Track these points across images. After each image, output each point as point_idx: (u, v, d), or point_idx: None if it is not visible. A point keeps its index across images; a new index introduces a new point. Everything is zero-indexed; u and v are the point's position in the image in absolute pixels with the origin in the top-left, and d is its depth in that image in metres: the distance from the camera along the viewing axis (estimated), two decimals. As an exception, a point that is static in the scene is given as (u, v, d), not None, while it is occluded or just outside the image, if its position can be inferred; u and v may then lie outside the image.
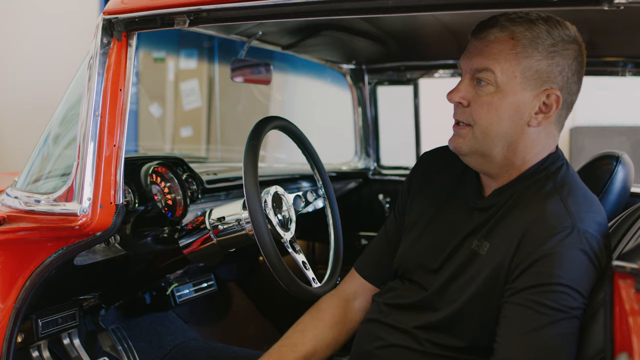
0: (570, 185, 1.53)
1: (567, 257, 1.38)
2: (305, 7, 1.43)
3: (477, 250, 1.53)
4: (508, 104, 1.49)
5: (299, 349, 1.72)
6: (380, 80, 3.25)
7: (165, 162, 2.10)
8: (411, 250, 1.72)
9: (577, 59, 1.51)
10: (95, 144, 1.59)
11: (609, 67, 2.63)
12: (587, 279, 1.38)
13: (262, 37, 2.45)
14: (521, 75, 1.47)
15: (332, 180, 3.25)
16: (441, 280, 1.58)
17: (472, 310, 1.50)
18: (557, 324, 1.35)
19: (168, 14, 1.55)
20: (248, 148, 1.73)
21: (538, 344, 1.35)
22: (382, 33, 2.50)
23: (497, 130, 1.51)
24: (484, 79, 1.50)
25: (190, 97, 5.56)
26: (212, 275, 2.70)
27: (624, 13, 1.76)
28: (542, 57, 1.47)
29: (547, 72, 1.48)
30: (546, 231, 1.41)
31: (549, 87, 1.49)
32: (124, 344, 2.35)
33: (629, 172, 2.27)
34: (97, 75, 1.59)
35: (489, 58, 1.49)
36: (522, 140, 1.52)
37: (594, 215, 1.48)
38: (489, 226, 1.54)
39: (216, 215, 1.91)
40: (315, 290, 1.83)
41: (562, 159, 1.59)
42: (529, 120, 1.50)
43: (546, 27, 1.47)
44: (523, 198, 1.52)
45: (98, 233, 1.62)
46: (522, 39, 1.47)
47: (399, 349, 1.61)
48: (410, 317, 1.63)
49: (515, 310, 1.40)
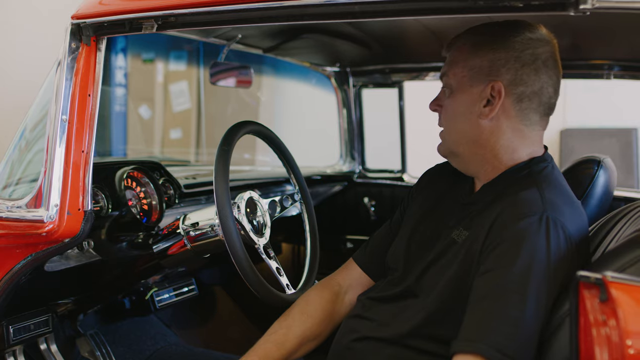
0: (551, 181, 1.54)
1: (533, 240, 1.38)
2: (269, 12, 1.42)
3: (455, 239, 1.56)
4: (460, 102, 1.60)
5: (285, 347, 1.71)
6: (365, 82, 3.24)
7: (140, 167, 2.08)
8: (399, 246, 1.74)
9: (526, 52, 1.54)
10: (63, 149, 1.57)
11: (594, 70, 2.62)
12: (553, 265, 1.36)
13: (242, 40, 2.44)
14: (468, 73, 1.58)
15: (317, 183, 3.24)
16: (420, 268, 1.61)
17: (450, 297, 1.49)
18: (519, 304, 1.33)
19: (136, 18, 1.54)
20: (219, 154, 1.71)
21: (498, 325, 1.33)
22: (365, 36, 2.49)
23: (455, 129, 1.63)
24: (445, 84, 1.64)
25: (179, 99, 5.54)
26: (194, 279, 2.68)
27: (605, 17, 1.77)
28: (485, 54, 1.56)
29: (489, 67, 1.56)
30: (516, 215, 1.43)
31: (492, 79, 1.55)
32: (102, 349, 2.33)
33: (610, 176, 2.26)
34: (65, 80, 1.58)
35: (448, 65, 1.64)
36: (482, 134, 1.58)
37: (570, 209, 1.48)
38: (470, 217, 1.57)
39: (190, 221, 1.89)
40: (288, 297, 1.81)
41: (549, 162, 1.62)
42: (480, 114, 1.57)
43: (494, 28, 1.59)
44: (504, 192, 1.54)
45: (66, 239, 1.61)
46: (471, 42, 1.60)
47: (371, 341, 1.60)
48: (388, 309, 1.63)
49: (479, 291, 1.40)
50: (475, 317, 1.38)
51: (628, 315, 1.04)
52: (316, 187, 3.25)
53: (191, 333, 2.96)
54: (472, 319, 1.39)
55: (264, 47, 2.58)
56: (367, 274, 1.85)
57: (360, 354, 1.61)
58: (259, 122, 1.92)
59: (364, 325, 1.65)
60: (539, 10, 1.26)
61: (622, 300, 1.06)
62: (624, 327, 1.03)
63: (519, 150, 1.59)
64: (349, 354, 1.64)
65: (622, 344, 1.03)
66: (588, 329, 1.12)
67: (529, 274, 1.35)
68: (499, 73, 1.55)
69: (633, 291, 1.08)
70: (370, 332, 1.62)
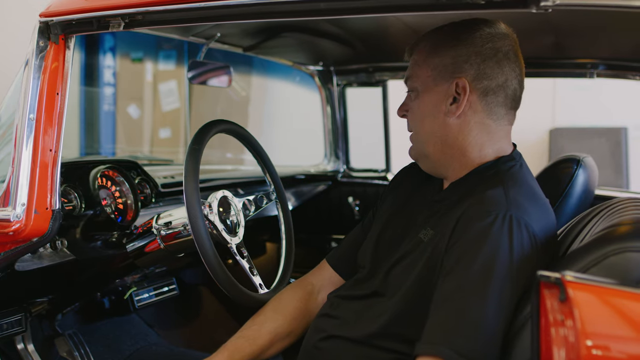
0: (518, 180, 1.53)
1: (495, 239, 1.37)
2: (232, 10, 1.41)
3: (422, 238, 1.55)
4: (426, 103, 1.60)
5: (257, 342, 1.72)
6: (349, 81, 3.23)
7: (114, 166, 2.06)
8: (368, 245, 1.74)
9: (486, 46, 1.55)
10: (30, 148, 1.56)
11: (577, 69, 2.62)
12: (516, 265, 1.36)
13: (221, 38, 2.43)
14: (432, 73, 1.59)
15: (301, 183, 3.24)
16: (386, 267, 1.60)
17: (415, 297, 1.49)
18: (480, 305, 1.33)
19: (103, 16, 1.53)
20: (189, 152, 1.70)
21: (459, 327, 1.33)
22: (348, 35, 2.48)
23: (423, 130, 1.62)
24: (410, 88, 1.65)
25: (168, 98, 5.53)
26: (174, 279, 2.67)
27: (587, 15, 1.76)
28: (447, 52, 1.57)
29: (452, 64, 1.56)
30: (479, 213, 1.42)
31: (456, 76, 1.56)
32: (80, 349, 2.32)
33: (590, 175, 2.25)
34: (33, 79, 1.57)
35: (411, 68, 1.65)
36: (449, 133, 1.59)
37: (536, 208, 1.48)
38: (437, 216, 1.57)
39: (163, 220, 1.88)
40: (260, 297, 1.80)
41: (517, 160, 1.61)
42: (447, 112, 1.57)
43: (453, 27, 1.60)
44: (470, 191, 1.53)
45: (34, 239, 1.60)
46: (431, 43, 1.61)
47: (338, 340, 1.60)
48: (355, 308, 1.63)
49: (441, 292, 1.40)
50: (437, 319, 1.38)
51: (585, 315, 1.03)
52: (300, 186, 3.24)
53: (174, 333, 2.94)
54: (434, 321, 1.38)
55: (244, 45, 2.57)
56: (338, 274, 1.85)
57: (328, 353, 1.61)
58: (232, 121, 1.91)
59: (331, 323, 1.64)
60: (501, 7, 1.25)
61: (580, 300, 1.05)
62: (580, 327, 1.02)
63: (487, 147, 1.58)
64: (317, 353, 1.63)
65: (578, 344, 1.02)
66: (548, 329, 1.11)
67: (490, 274, 1.34)
68: (462, 69, 1.55)
69: (591, 291, 1.07)
70: (337, 331, 1.61)
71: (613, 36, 2.07)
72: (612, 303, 1.07)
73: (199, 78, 2.47)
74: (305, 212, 3.22)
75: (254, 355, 1.70)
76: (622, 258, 1.25)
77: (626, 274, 1.23)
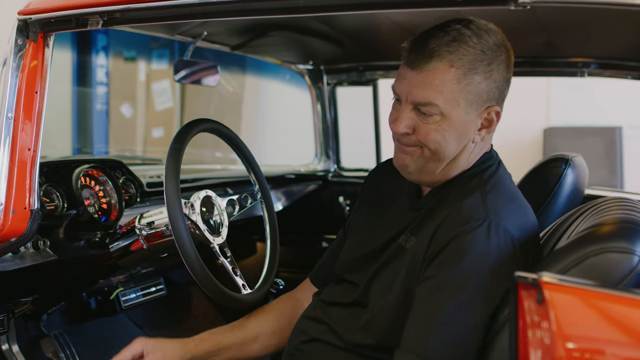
0: (495, 183, 1.52)
1: (473, 247, 1.36)
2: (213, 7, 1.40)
3: (403, 245, 1.53)
4: (454, 128, 1.48)
5: (240, 331, 1.75)
6: (339, 80, 3.21)
7: (98, 165, 2.05)
8: (349, 252, 1.72)
9: (507, 65, 1.50)
10: (8, 147, 1.54)
11: (568, 68, 2.60)
12: (495, 272, 1.35)
13: (208, 37, 2.41)
14: (464, 101, 1.46)
15: (291, 182, 3.22)
16: (368, 276, 1.58)
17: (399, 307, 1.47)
18: (458, 312, 1.33)
19: (81, 14, 1.51)
20: (170, 152, 1.68)
21: (432, 335, 1.33)
22: (337, 33, 2.46)
23: (446, 152, 1.51)
24: (428, 112, 1.47)
25: (162, 98, 5.51)
26: (162, 279, 2.66)
27: (577, 13, 1.75)
28: (482, 80, 1.46)
29: (487, 92, 1.48)
30: (458, 221, 1.41)
31: (489, 105, 1.50)
32: (66, 350, 2.30)
33: (579, 174, 2.24)
34: (11, 77, 1.55)
35: (431, 91, 1.45)
36: (464, 154, 1.54)
37: (514, 212, 1.47)
38: (417, 222, 1.54)
39: (146, 220, 1.86)
40: (244, 297, 1.78)
41: (494, 159, 1.59)
42: (473, 137, 1.52)
43: (479, 44, 1.45)
44: (451, 195, 1.52)
45: (13, 239, 1.58)
46: (461, 66, 1.44)
47: (319, 343, 1.59)
48: (341, 315, 1.61)
49: (418, 300, 1.39)
50: (412, 327, 1.38)
51: (560, 317, 1.02)
52: (291, 186, 3.23)
53: (163, 333, 2.92)
54: (409, 328, 1.38)
55: (231, 44, 2.55)
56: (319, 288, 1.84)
57: (309, 356, 1.59)
58: (215, 120, 1.89)
59: (316, 328, 1.63)
60: (480, 4, 1.25)
61: (556, 302, 1.04)
62: (555, 329, 1.01)
63: (478, 154, 1.57)
64: (298, 355, 1.62)
65: (553, 346, 1.01)
66: (525, 331, 1.10)
67: (466, 282, 1.34)
68: (494, 96, 1.49)
69: (568, 292, 1.06)
70: (322, 336, 1.60)
71: (604, 34, 2.06)
72: (590, 304, 1.06)
73: (185, 77, 2.45)
74: (295, 212, 3.20)
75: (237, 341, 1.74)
76: (603, 258, 1.24)
77: (606, 274, 1.22)
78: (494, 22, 1.55)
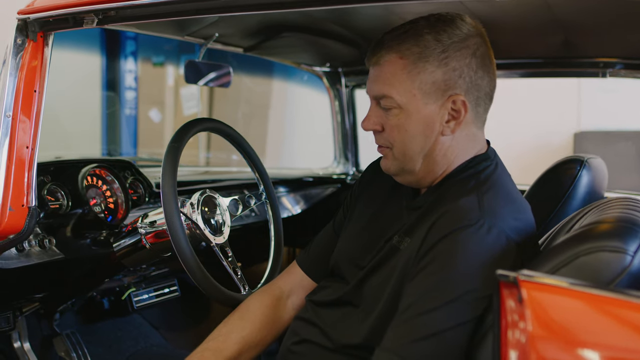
0: (493, 183, 1.48)
1: (465, 248, 1.32)
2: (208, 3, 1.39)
3: (397, 246, 1.49)
4: (416, 121, 1.47)
5: (223, 354, 1.62)
6: (358, 83, 3.19)
7: (104, 165, 2.06)
8: (344, 248, 1.68)
9: (475, 54, 1.45)
10: (6, 145, 1.56)
11: (589, 69, 2.54)
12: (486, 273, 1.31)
13: (219, 39, 2.41)
14: (419, 91, 1.44)
15: (310, 185, 3.20)
16: (361, 274, 1.55)
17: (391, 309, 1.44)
18: (443, 313, 1.30)
19: (77, 12, 1.52)
20: (168, 150, 1.69)
21: (419, 334, 1.30)
22: (353, 34, 2.44)
23: (413, 149, 1.49)
24: (386, 105, 1.48)
25: (190, 102, 5.56)
26: (176, 280, 2.66)
27: (596, 12, 1.70)
28: (435, 68, 1.43)
29: (444, 81, 1.44)
30: (451, 222, 1.37)
31: (452, 94, 1.45)
32: (78, 350, 2.32)
33: (595, 176, 2.18)
34: (10, 76, 1.57)
35: (384, 84, 1.47)
36: (439, 150, 1.50)
37: (511, 212, 1.42)
38: (411, 222, 1.51)
39: (149, 219, 1.87)
40: (241, 297, 1.77)
41: (492, 159, 1.55)
42: (442, 130, 1.47)
43: (433, 35, 1.43)
44: (446, 195, 1.48)
45: (10, 236, 1.60)
46: (410, 55, 1.44)
47: (309, 344, 1.57)
48: (330, 315, 1.58)
49: (406, 297, 1.36)
50: (396, 326, 1.35)
51: (536, 316, 0.99)
52: (309, 189, 3.21)
53: (179, 335, 2.94)
54: (392, 329, 1.35)
55: (244, 46, 2.54)
56: (309, 277, 1.78)
57: (301, 357, 1.57)
58: (216, 119, 1.89)
59: (308, 329, 1.60)
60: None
61: (533, 300, 1.00)
62: (529, 329, 0.98)
63: (468, 152, 1.53)
64: (291, 357, 1.59)
65: (528, 346, 0.97)
66: (506, 331, 1.07)
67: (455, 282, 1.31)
68: (456, 85, 1.44)
69: (545, 291, 1.02)
70: (311, 336, 1.57)
71: (628, 33, 2.00)
72: (569, 304, 1.02)
73: (195, 78, 2.45)
74: (314, 215, 3.18)
75: None
76: (594, 258, 1.20)
77: (597, 274, 1.18)
78: (511, 22, 1.53)
